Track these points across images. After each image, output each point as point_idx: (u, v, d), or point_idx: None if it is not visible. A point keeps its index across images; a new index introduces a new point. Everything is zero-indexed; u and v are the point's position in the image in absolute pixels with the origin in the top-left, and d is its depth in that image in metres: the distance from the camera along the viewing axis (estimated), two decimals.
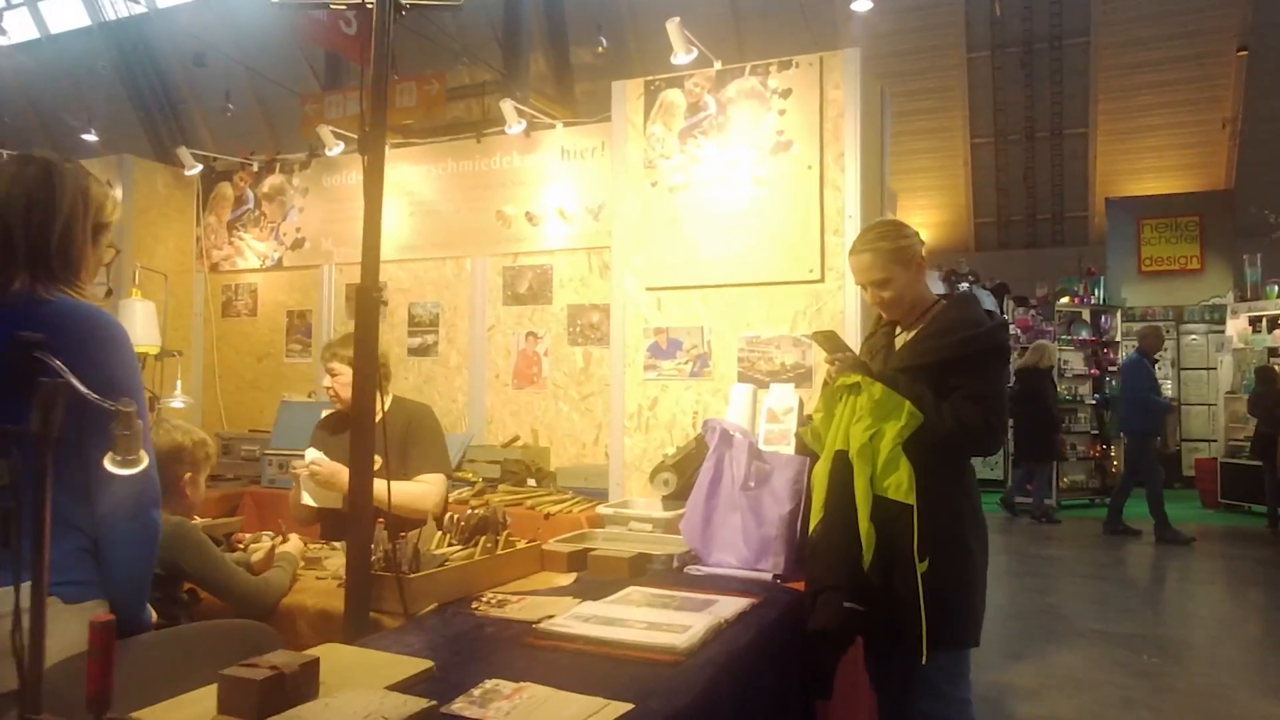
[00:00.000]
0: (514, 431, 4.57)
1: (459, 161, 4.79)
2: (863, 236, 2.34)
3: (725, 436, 2.55)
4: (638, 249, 3.77)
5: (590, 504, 3.86)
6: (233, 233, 5.43)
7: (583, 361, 4.48)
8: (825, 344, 2.28)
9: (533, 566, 2.48)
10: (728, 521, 2.48)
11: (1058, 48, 15.33)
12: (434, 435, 3.11)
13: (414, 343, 4.88)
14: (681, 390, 3.69)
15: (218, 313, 5.49)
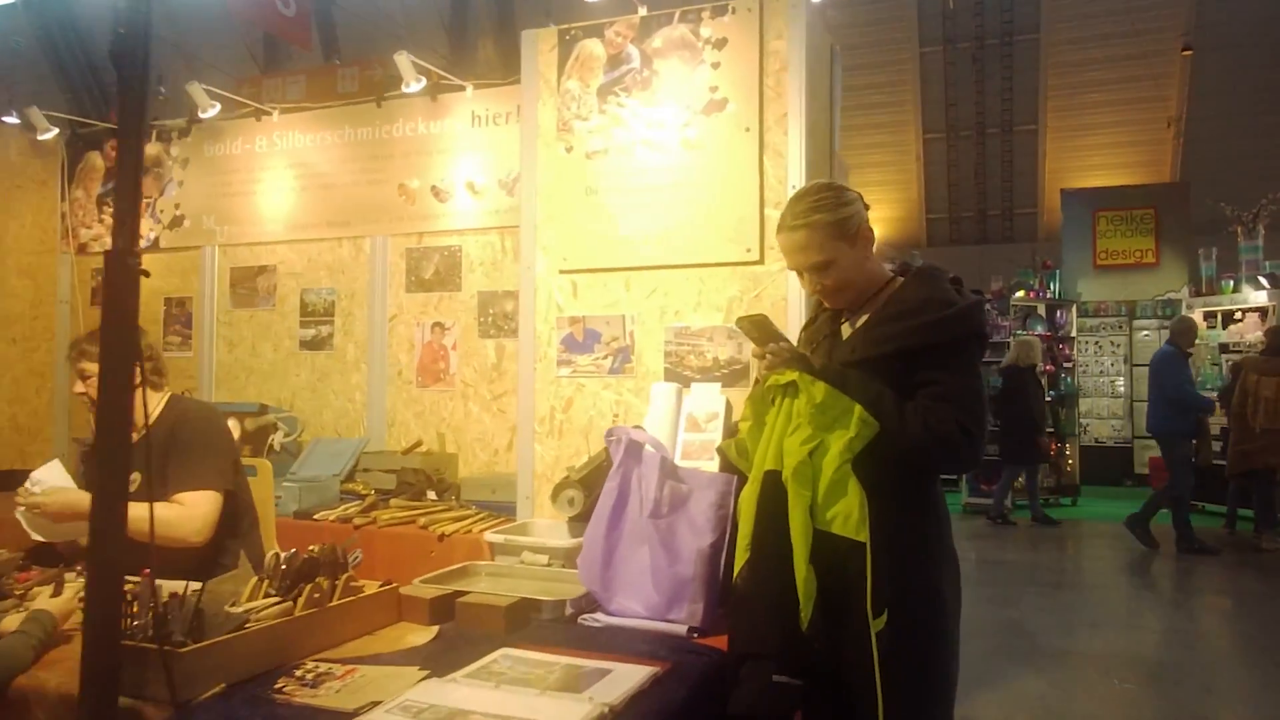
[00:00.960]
0: (418, 435, 4.01)
1: (357, 129, 4.21)
2: (792, 208, 1.84)
3: (633, 449, 2.03)
4: (549, 225, 3.24)
5: (496, 520, 3.33)
6: (103, 209, 4.77)
7: (495, 356, 3.94)
8: (754, 331, 1.77)
9: (388, 616, 1.94)
10: (634, 557, 1.96)
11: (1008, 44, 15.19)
12: (202, 441, 2.48)
13: (307, 334, 4.29)
14: (600, 389, 3.16)
15: (86, 300, 4.83)
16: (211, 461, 2.43)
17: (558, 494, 2.53)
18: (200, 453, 2.43)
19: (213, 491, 2.39)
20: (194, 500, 2.37)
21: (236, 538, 2.48)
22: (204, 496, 2.38)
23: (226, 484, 2.44)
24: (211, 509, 2.38)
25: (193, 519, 2.35)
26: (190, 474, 2.39)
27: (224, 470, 2.45)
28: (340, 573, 1.85)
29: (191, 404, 2.63)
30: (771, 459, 1.65)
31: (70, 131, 4.89)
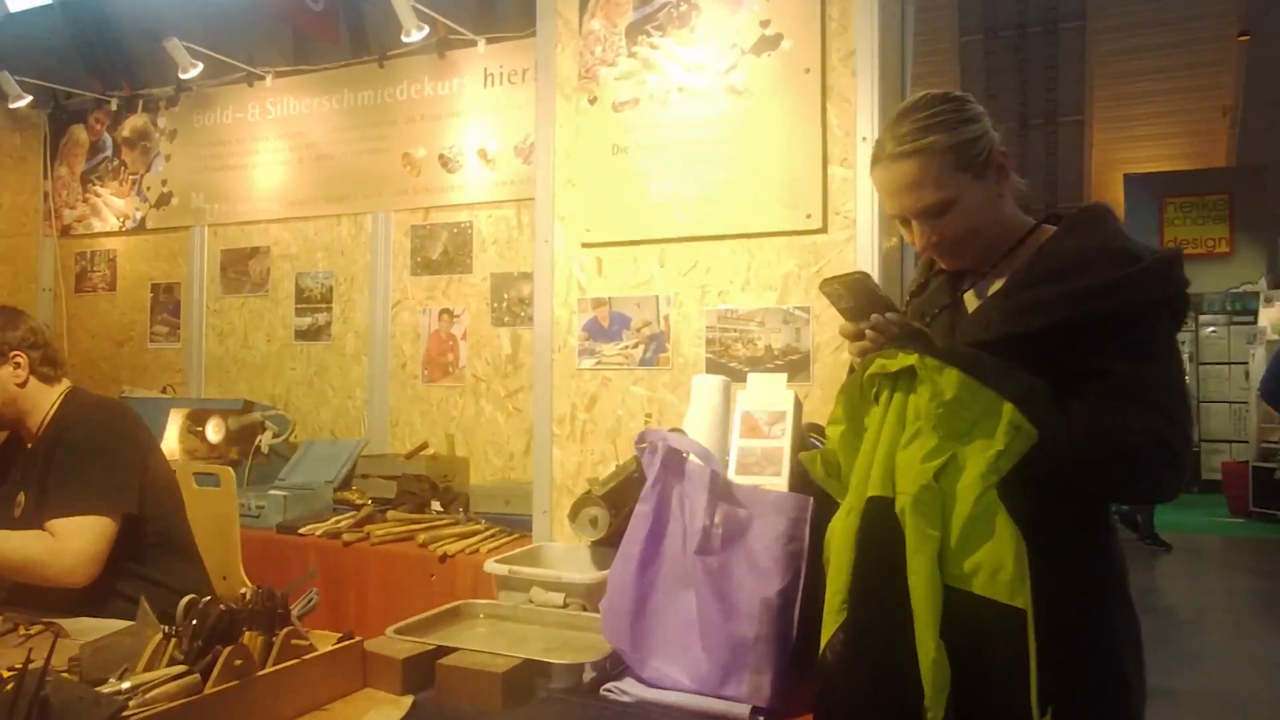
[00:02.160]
0: (424, 437, 3.55)
1: (357, 92, 3.75)
2: (894, 131, 1.32)
3: (672, 460, 1.53)
4: (569, 190, 2.75)
5: (509, 538, 2.86)
6: (88, 187, 4.36)
7: (510, 346, 3.46)
8: (846, 297, 1.27)
9: (347, 682, 1.46)
10: (674, 606, 1.46)
11: (1052, 32, 14.47)
12: (88, 451, 1.96)
13: (303, 323, 3.84)
14: (629, 384, 2.67)
15: (70, 287, 4.43)
16: (98, 478, 1.92)
17: (577, 512, 2.04)
18: (83, 467, 1.92)
19: (96, 518, 1.88)
20: (67, 530, 1.86)
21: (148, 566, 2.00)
22: (82, 525, 1.87)
23: (124, 505, 1.94)
24: (90, 541, 1.87)
25: (63, 554, 1.84)
26: (68, 495, 1.89)
27: (119, 487, 1.94)
28: (279, 626, 1.37)
29: (87, 401, 2.13)
30: (877, 480, 1.14)
31: (54, 103, 4.48)
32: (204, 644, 1.28)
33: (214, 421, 3.41)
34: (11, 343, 2.00)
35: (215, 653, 1.26)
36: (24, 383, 2.01)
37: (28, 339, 2.02)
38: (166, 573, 2.03)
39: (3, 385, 2.00)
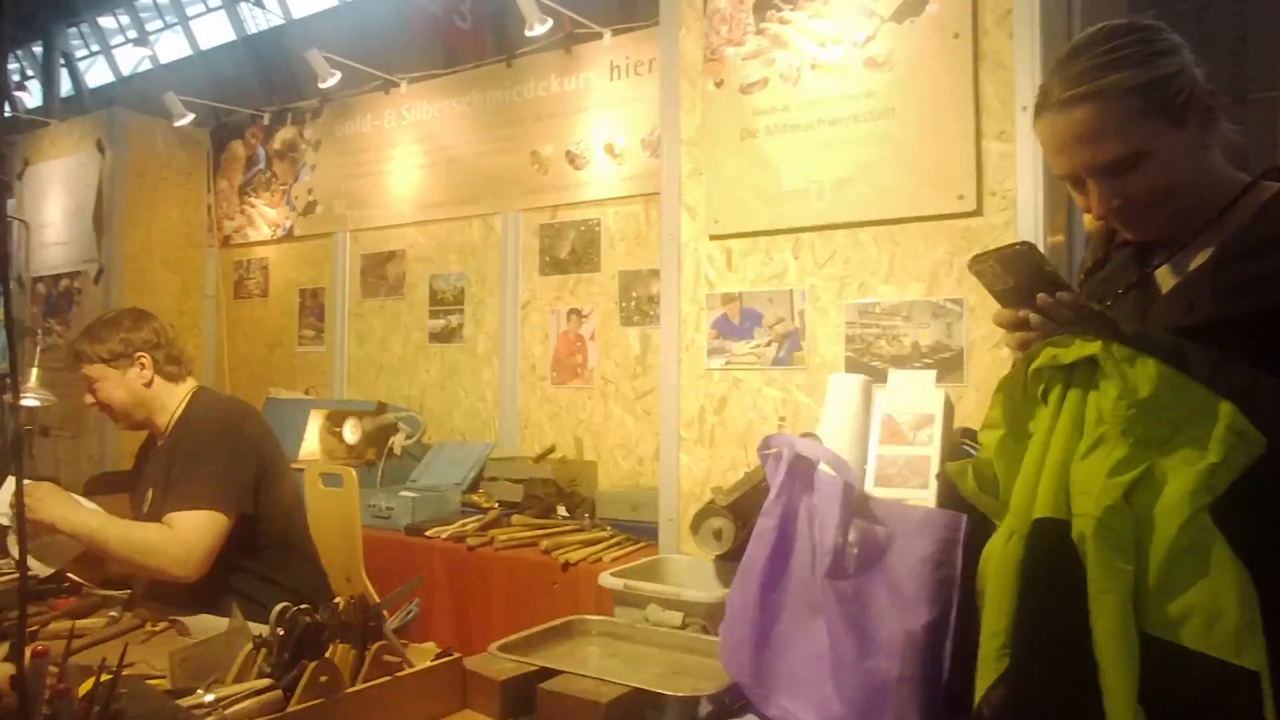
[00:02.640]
0: (553, 440, 3.48)
1: (486, 93, 3.74)
2: (1065, 71, 1.09)
3: (800, 469, 1.35)
4: (696, 180, 2.59)
5: (635, 547, 2.73)
6: (244, 199, 4.58)
7: (639, 347, 3.34)
8: (1005, 276, 1.05)
9: (445, 702, 1.36)
10: (802, 636, 1.28)
11: None
12: (207, 448, 1.97)
13: (436, 326, 3.86)
14: (761, 384, 2.49)
15: (230, 294, 4.66)
16: (215, 475, 1.93)
17: (700, 523, 1.88)
18: (201, 464, 1.94)
19: (210, 513, 1.89)
20: (182, 523, 1.88)
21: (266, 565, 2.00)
22: (196, 519, 1.88)
23: (238, 504, 1.94)
24: (202, 535, 1.87)
25: (175, 545, 1.85)
26: (185, 490, 1.91)
27: (235, 485, 1.95)
28: (372, 639, 1.28)
29: (212, 401, 2.16)
30: (1048, 498, 0.92)
31: (216, 121, 4.74)
32: (291, 656, 1.21)
33: (350, 422, 3.46)
34: (136, 344, 2.05)
35: (301, 667, 1.18)
36: (150, 383, 2.06)
37: (151, 340, 2.07)
38: (286, 573, 2.03)
39: (130, 386, 2.05)
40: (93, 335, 2.07)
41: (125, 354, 2.05)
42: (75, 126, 4.72)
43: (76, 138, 4.62)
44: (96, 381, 2.04)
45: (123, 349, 2.05)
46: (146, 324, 2.10)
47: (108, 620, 1.84)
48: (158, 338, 2.08)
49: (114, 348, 2.04)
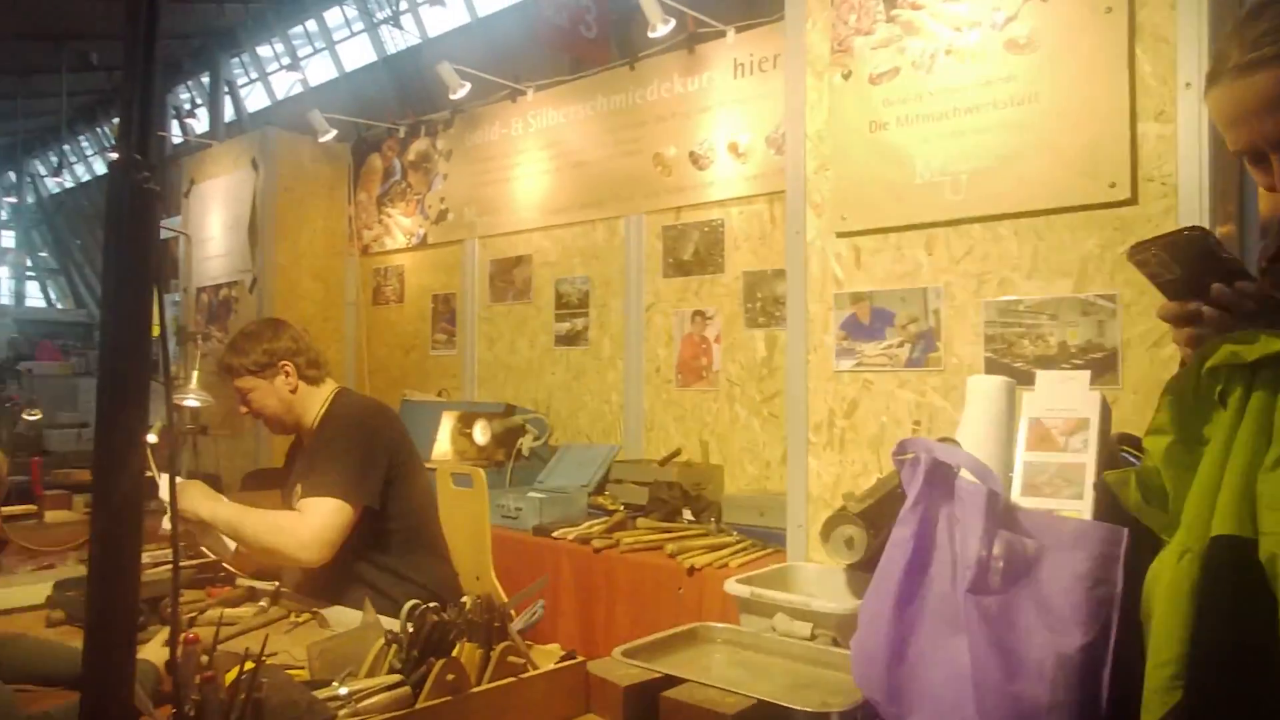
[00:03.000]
0: (678, 443, 3.46)
1: (609, 97, 3.76)
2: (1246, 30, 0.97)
3: (938, 475, 1.27)
4: (823, 176, 2.51)
5: (762, 553, 2.68)
6: (381, 209, 4.79)
7: (765, 349, 3.28)
8: (1174, 264, 0.95)
9: (567, 705, 1.36)
10: (941, 654, 1.20)
11: None
12: (340, 441, 2.07)
13: (562, 329, 3.91)
14: (893, 387, 2.38)
15: (369, 300, 4.88)
16: (345, 467, 2.01)
17: (830, 531, 1.81)
18: (333, 456, 2.04)
19: (336, 501, 1.96)
20: (309, 508, 1.96)
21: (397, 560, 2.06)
22: (323, 505, 1.96)
23: (364, 498, 2.01)
24: (326, 520, 1.95)
25: (300, 529, 1.94)
26: (317, 479, 2.01)
27: (363, 479, 2.02)
28: (497, 639, 1.29)
29: (352, 400, 2.26)
30: (1228, 513, 0.82)
31: (356, 136, 4.98)
32: (420, 654, 1.23)
33: (480, 424, 3.55)
34: (279, 353, 2.15)
35: (429, 665, 1.19)
36: (295, 388, 2.17)
37: (291, 347, 2.17)
38: (418, 570, 2.08)
39: (278, 393, 2.16)
40: (238, 349, 2.19)
41: (270, 364, 2.16)
42: (233, 147, 5.06)
43: (234, 157, 4.95)
44: (248, 392, 2.17)
45: (267, 359, 2.16)
46: (285, 332, 2.21)
47: (256, 610, 1.94)
48: (296, 344, 2.19)
49: (259, 359, 2.16)
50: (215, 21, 13.17)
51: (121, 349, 0.98)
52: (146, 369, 1.00)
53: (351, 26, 13.30)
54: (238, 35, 14.02)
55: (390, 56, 12.57)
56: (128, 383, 0.99)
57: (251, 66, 14.87)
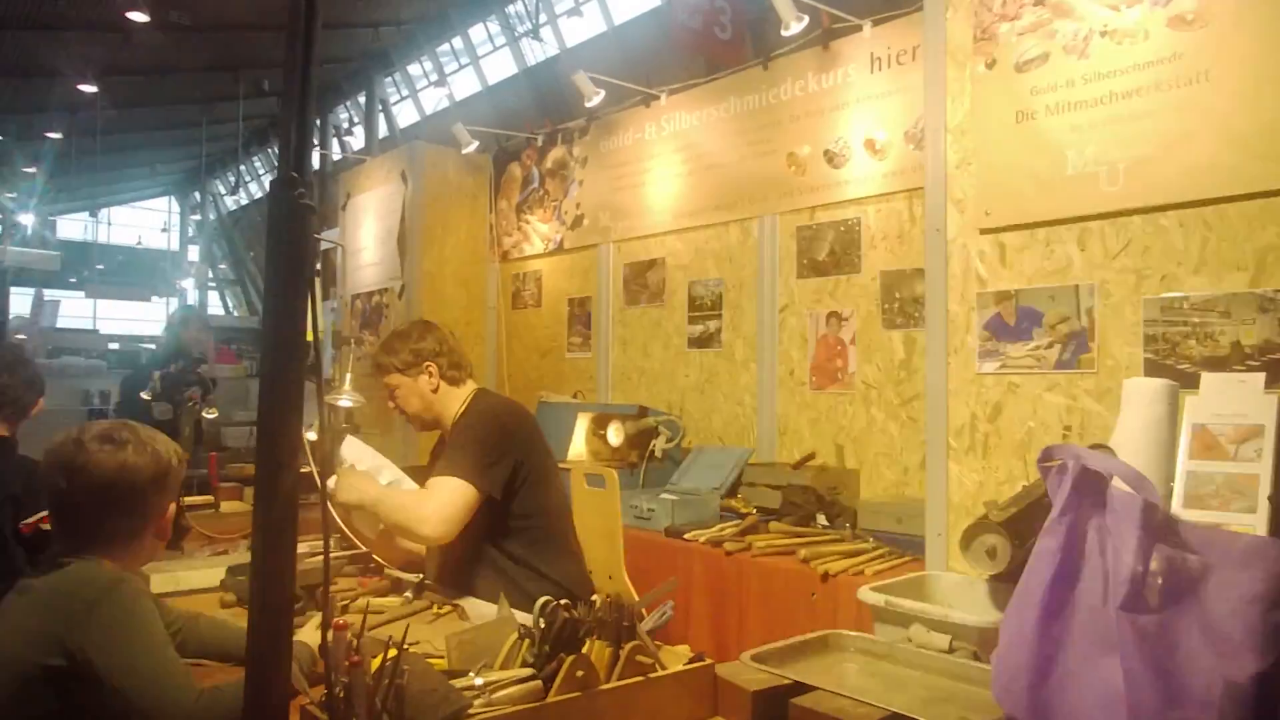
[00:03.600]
0: (812, 446, 3.40)
1: (742, 97, 3.75)
2: None
3: (1088, 484, 1.19)
4: (965, 171, 2.41)
5: (899, 561, 2.59)
6: (520, 216, 4.95)
7: (904, 350, 3.17)
8: None
9: (695, 707, 1.36)
10: (1091, 674, 1.13)
11: None
12: (473, 433, 2.16)
13: (695, 331, 3.92)
14: (1041, 390, 2.26)
15: (508, 304, 5.05)
16: (473, 455, 2.09)
17: (970, 540, 1.74)
18: (465, 444, 2.13)
19: (461, 481, 2.04)
20: (435, 485, 2.06)
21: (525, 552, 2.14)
22: (448, 484, 2.04)
23: (488, 486, 2.08)
24: (450, 497, 2.03)
25: (425, 504, 2.03)
26: (447, 462, 2.10)
27: (489, 469, 2.09)
28: (626, 638, 1.30)
29: (489, 399, 2.35)
30: None
31: (497, 147, 5.16)
32: (551, 649, 1.26)
33: (614, 425, 3.60)
34: (424, 354, 2.27)
35: (559, 660, 1.22)
36: (437, 388, 2.27)
37: (435, 348, 2.28)
38: (552, 567, 2.14)
39: (421, 392, 2.28)
40: (388, 348, 2.32)
41: (415, 363, 2.28)
42: (384, 162, 5.35)
43: (385, 171, 5.23)
44: (395, 389, 2.30)
45: (413, 358, 2.29)
46: (431, 334, 2.32)
47: (402, 600, 2.04)
48: (440, 346, 2.30)
49: (405, 358, 2.29)
50: (371, 45, 13.98)
51: (279, 350, 1.06)
52: (302, 368, 1.07)
53: (494, 41, 13.82)
54: (390, 56, 14.82)
55: (530, 68, 13.00)
56: (285, 381, 1.06)
57: (403, 84, 15.69)
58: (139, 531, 1.46)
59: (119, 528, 1.43)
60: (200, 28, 11.09)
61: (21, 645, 1.29)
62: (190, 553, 2.62)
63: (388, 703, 1.09)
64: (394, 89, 15.90)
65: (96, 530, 1.41)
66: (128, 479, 1.41)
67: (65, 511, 1.44)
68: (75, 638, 1.27)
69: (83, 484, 1.39)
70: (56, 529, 1.46)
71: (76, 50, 11.54)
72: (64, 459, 1.41)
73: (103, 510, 1.41)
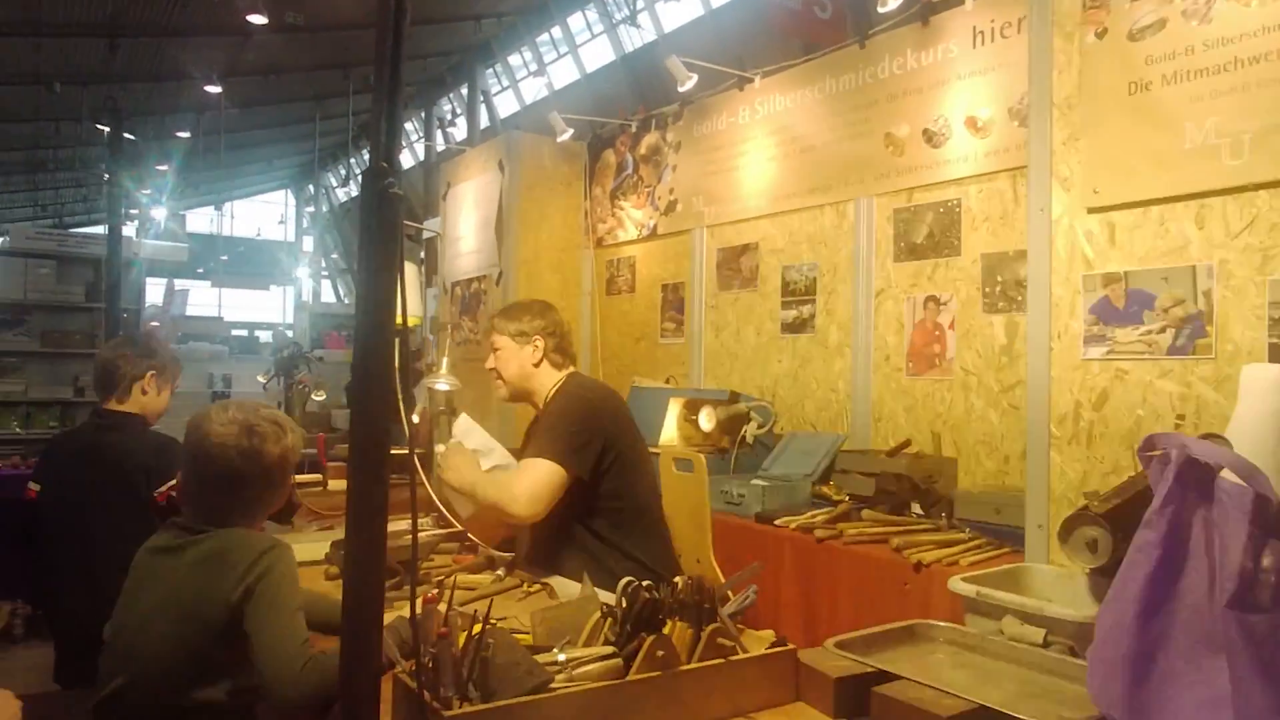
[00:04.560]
0: (907, 433, 3.32)
1: (838, 78, 3.66)
2: None
3: (1193, 475, 1.13)
4: (1071, 147, 2.30)
5: (997, 553, 2.52)
6: (614, 202, 4.98)
7: (1005, 335, 3.06)
8: None
9: (776, 691, 1.35)
10: (1194, 674, 1.07)
11: None
12: (561, 415, 2.24)
13: (788, 316, 3.88)
14: (1152, 377, 2.15)
15: (602, 290, 5.10)
16: (562, 436, 2.16)
17: (1070, 531, 1.67)
18: (555, 425, 2.21)
19: (550, 462, 2.11)
20: (526, 465, 2.14)
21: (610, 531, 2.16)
22: (538, 465, 2.11)
23: (576, 467, 2.14)
24: (539, 477, 2.10)
25: (516, 483, 2.11)
26: (538, 443, 2.18)
27: (578, 450, 2.15)
28: (707, 621, 1.31)
29: (583, 382, 2.43)
30: None
31: (592, 134, 5.20)
32: (632, 628, 1.28)
33: (705, 411, 3.60)
34: (536, 329, 2.38)
35: (640, 640, 1.24)
36: (538, 363, 2.36)
37: (547, 328, 2.39)
38: (637, 547, 2.17)
39: (521, 361, 2.37)
40: (508, 313, 2.47)
41: (525, 334, 2.39)
42: (483, 151, 5.47)
43: (483, 161, 5.35)
44: (499, 350, 2.41)
45: (525, 328, 2.39)
46: (548, 315, 2.44)
47: (493, 578, 2.10)
48: (553, 328, 2.40)
49: (520, 327, 2.41)
50: (473, 37, 14.29)
51: (371, 333, 1.10)
52: (392, 349, 1.11)
53: (592, 29, 13.92)
54: (492, 47, 15.12)
55: (627, 55, 13.06)
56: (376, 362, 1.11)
57: (504, 75, 15.98)
58: (267, 506, 1.57)
59: (250, 503, 1.54)
60: (312, 28, 11.56)
61: (192, 600, 1.43)
62: (299, 527, 2.76)
63: (474, 673, 1.13)
64: (495, 80, 16.21)
65: (231, 504, 1.52)
66: (260, 461, 1.53)
67: (204, 487, 1.56)
68: (239, 592, 1.39)
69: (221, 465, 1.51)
70: (192, 500, 1.58)
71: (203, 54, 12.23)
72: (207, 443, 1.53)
73: (237, 488, 1.53)
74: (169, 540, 1.53)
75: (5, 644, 4.17)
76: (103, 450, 2.67)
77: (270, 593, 1.42)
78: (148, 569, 1.53)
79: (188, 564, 1.49)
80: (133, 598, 1.51)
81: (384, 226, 1.14)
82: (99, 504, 2.57)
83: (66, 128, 14.53)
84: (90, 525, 2.58)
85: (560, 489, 2.10)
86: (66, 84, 12.26)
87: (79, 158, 16.33)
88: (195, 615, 1.44)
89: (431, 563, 2.24)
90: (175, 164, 16.69)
